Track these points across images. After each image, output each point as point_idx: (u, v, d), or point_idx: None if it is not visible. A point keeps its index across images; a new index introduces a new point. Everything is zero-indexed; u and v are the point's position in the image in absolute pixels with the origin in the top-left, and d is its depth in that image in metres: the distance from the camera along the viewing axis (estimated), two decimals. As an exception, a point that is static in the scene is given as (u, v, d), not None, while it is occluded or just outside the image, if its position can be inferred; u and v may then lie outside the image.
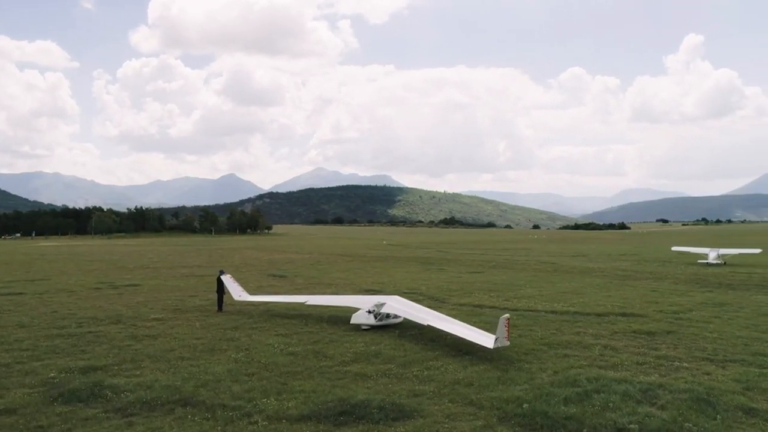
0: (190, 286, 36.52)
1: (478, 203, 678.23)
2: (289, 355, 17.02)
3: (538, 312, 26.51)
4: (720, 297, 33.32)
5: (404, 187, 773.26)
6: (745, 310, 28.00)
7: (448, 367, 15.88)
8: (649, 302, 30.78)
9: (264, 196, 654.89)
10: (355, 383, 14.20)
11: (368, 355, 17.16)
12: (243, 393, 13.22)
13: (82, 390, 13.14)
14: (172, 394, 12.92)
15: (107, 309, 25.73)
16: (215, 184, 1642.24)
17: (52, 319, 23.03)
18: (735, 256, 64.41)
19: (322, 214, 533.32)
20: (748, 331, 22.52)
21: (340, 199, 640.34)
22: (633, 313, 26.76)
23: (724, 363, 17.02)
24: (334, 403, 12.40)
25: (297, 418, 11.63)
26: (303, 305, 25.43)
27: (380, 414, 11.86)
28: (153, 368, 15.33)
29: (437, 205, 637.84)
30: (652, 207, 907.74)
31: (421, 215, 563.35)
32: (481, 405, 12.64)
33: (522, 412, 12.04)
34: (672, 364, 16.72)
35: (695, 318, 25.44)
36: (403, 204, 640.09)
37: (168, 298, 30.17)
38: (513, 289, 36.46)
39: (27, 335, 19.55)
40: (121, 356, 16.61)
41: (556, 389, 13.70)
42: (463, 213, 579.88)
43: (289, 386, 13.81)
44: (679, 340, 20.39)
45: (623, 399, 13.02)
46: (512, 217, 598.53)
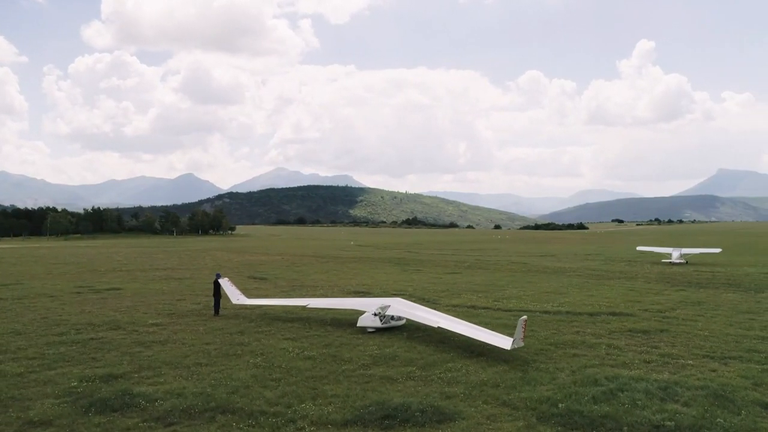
0: (173, 289, 35.79)
1: (439, 204, 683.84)
2: (307, 359, 16.98)
3: (532, 312, 27.06)
4: (694, 295, 34.67)
5: (366, 188, 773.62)
6: (723, 308, 29.22)
7: (467, 368, 16.14)
8: (632, 301, 31.80)
9: (223, 196, 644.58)
10: (383, 386, 14.30)
11: (385, 357, 17.28)
12: (277, 399, 13.16)
13: (112, 399, 12.84)
14: (207, 402, 12.76)
15: (99, 314, 25.03)
16: (172, 184, 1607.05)
17: (46, 325, 22.29)
18: (696, 255, 67.08)
19: (283, 214, 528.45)
20: (733, 328, 23.56)
21: (301, 199, 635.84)
22: (621, 312, 27.63)
23: (724, 360, 17.81)
24: (373, 407, 12.49)
25: (342, 423, 11.67)
26: (303, 308, 25.32)
27: (423, 417, 12.02)
28: (174, 375, 15.08)
29: (399, 205, 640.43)
30: (607, 207, 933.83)
31: (383, 215, 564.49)
32: (515, 405, 12.94)
33: (558, 412, 12.39)
34: (677, 362, 17.41)
35: (681, 316, 26.45)
36: (365, 204, 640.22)
37: (156, 302, 29.52)
38: (497, 290, 37.07)
39: (27, 343, 18.90)
40: (137, 363, 16.25)
41: (581, 388, 14.12)
42: (424, 213, 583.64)
43: (320, 391, 13.82)
44: (674, 338, 21.21)
45: (648, 397, 13.53)
46: (472, 217, 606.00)
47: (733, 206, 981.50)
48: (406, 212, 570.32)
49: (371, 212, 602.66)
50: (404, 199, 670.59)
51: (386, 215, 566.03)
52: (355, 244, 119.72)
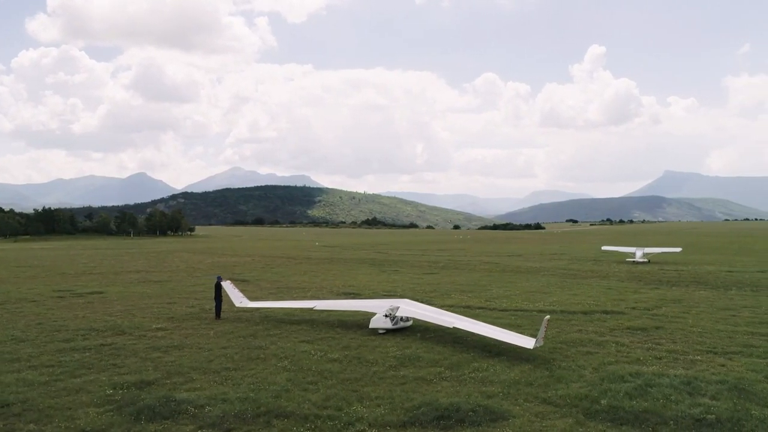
0: (157, 292, 34.96)
1: (398, 204, 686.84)
2: (333, 362, 17.00)
3: (530, 312, 27.71)
4: (670, 293, 36.10)
5: (324, 188, 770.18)
6: (703, 306, 30.55)
7: (494, 368, 16.48)
8: (616, 300, 32.88)
9: (177, 197, 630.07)
10: (421, 387, 14.49)
11: (408, 358, 17.47)
12: (323, 402, 13.18)
13: (158, 406, 12.61)
14: (256, 407, 12.68)
15: (96, 319, 24.32)
16: (123, 184, 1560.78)
17: (45, 331, 21.55)
18: (658, 254, 69.72)
19: (240, 214, 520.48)
20: (720, 324, 24.70)
21: (258, 199, 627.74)
22: (612, 310, 28.55)
23: (727, 355, 18.70)
24: (423, 408, 12.67)
25: (399, 424, 11.81)
26: (304, 310, 25.24)
27: (476, 416, 12.27)
28: (207, 380, 14.88)
29: (357, 205, 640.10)
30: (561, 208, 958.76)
31: (341, 216, 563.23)
32: (556, 403, 13.33)
33: (602, 409, 12.86)
34: (686, 358, 18.21)
35: (669, 314, 27.54)
36: (323, 204, 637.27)
37: (147, 306, 28.84)
38: (482, 290, 37.68)
39: (35, 350, 18.25)
40: (163, 369, 15.94)
41: (611, 385, 14.66)
42: (383, 213, 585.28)
43: (362, 393, 13.90)
44: (672, 335, 22.12)
45: (676, 392, 14.16)
46: (431, 217, 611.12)
47: (679, 207, 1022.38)
48: (364, 212, 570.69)
49: (330, 212, 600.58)
50: (363, 200, 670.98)
51: (345, 215, 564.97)
52: (320, 244, 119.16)
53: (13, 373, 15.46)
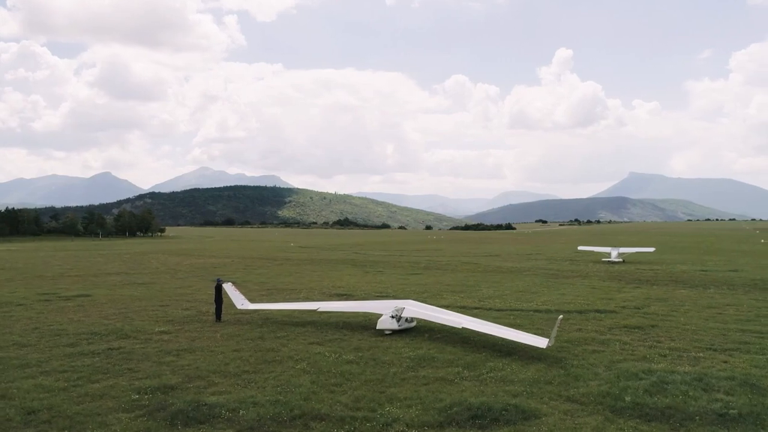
0: (145, 295, 34.35)
1: (369, 204, 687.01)
2: (349, 363, 17.04)
3: (526, 312, 28.14)
4: (652, 292, 37.04)
5: (294, 188, 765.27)
6: (687, 304, 31.40)
7: (509, 367, 16.74)
8: (603, 299, 33.59)
9: (144, 197, 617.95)
10: (445, 387, 14.66)
11: (424, 359, 17.62)
12: (354, 403, 13.24)
13: (190, 411, 12.49)
14: (289, 409, 12.66)
15: (93, 323, 23.82)
16: (88, 183, 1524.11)
17: (46, 336, 21.06)
18: (633, 254, 71.36)
19: (208, 215, 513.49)
20: (710, 322, 25.48)
21: (227, 199, 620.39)
22: (604, 309, 29.20)
23: (727, 352, 19.35)
24: (456, 408, 12.84)
25: (437, 424, 11.95)
26: (305, 312, 25.19)
27: (508, 415, 12.50)
28: (229, 384, 14.78)
29: (328, 206, 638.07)
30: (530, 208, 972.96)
31: (312, 216, 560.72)
32: (580, 401, 13.66)
33: (626, 405, 13.23)
34: (688, 355, 18.79)
35: (658, 312, 28.30)
36: (293, 205, 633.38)
37: (141, 308, 28.37)
38: (472, 290, 38.06)
39: (42, 355, 17.82)
40: (181, 373, 15.75)
41: (628, 382, 15.07)
42: (354, 214, 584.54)
43: (389, 394, 14.00)
44: (669, 333, 22.76)
45: (692, 388, 14.64)
46: (401, 218, 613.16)
47: (643, 207, 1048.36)
48: (335, 213, 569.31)
49: (300, 213, 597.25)
50: (333, 200, 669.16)
51: (316, 216, 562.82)
52: (295, 245, 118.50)
53: (28, 379, 15.08)
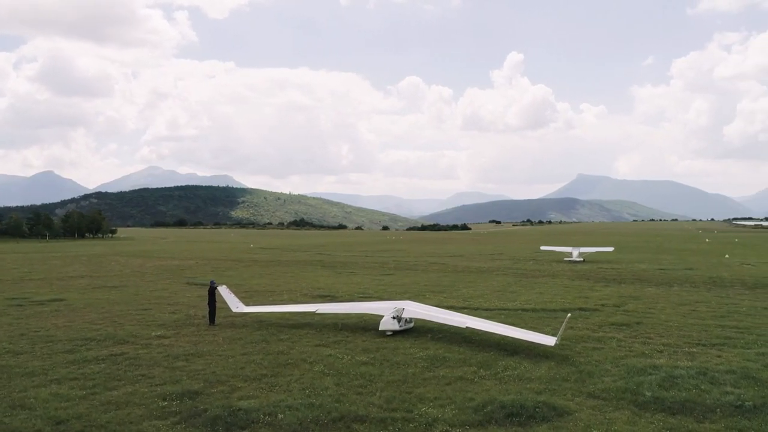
0: (123, 299, 33.27)
1: (323, 205, 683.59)
2: (364, 364, 17.08)
3: (513, 311, 28.73)
4: (624, 291, 38.37)
5: (247, 188, 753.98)
6: (661, 302, 32.70)
7: (522, 365, 17.12)
8: (580, 297, 34.58)
9: (90, 196, 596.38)
10: (470, 387, 14.90)
11: (436, 359, 17.84)
12: (387, 404, 13.34)
13: (227, 416, 12.29)
14: (326, 412, 12.64)
15: (82, 328, 23.00)
16: (28, 183, 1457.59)
17: (37, 342, 20.26)
18: (593, 254, 73.62)
19: (159, 215, 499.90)
20: (689, 319, 26.65)
21: (178, 199, 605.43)
22: (585, 308, 30.11)
23: (716, 347, 20.29)
24: (490, 406, 13.09)
25: (477, 423, 12.16)
26: (303, 314, 25.06)
27: (542, 412, 12.84)
28: (253, 388, 14.61)
29: (283, 206, 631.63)
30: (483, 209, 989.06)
31: (266, 217, 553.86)
32: (603, 397, 14.14)
33: (647, 400, 13.79)
34: (683, 350, 19.64)
35: (638, 310, 29.37)
36: (247, 205, 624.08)
37: (124, 312, 27.57)
38: (452, 290, 38.50)
39: (44, 363, 17.15)
40: (198, 378, 15.45)
41: (639, 378, 15.69)
42: (308, 214, 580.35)
43: (418, 394, 14.14)
44: (656, 330, 23.69)
45: (700, 382, 15.36)
46: (357, 218, 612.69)
47: (591, 208, 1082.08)
48: (290, 213, 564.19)
49: (254, 213, 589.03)
50: (288, 200, 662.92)
51: (270, 216, 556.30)
52: (255, 246, 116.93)
53: (40, 388, 14.50)
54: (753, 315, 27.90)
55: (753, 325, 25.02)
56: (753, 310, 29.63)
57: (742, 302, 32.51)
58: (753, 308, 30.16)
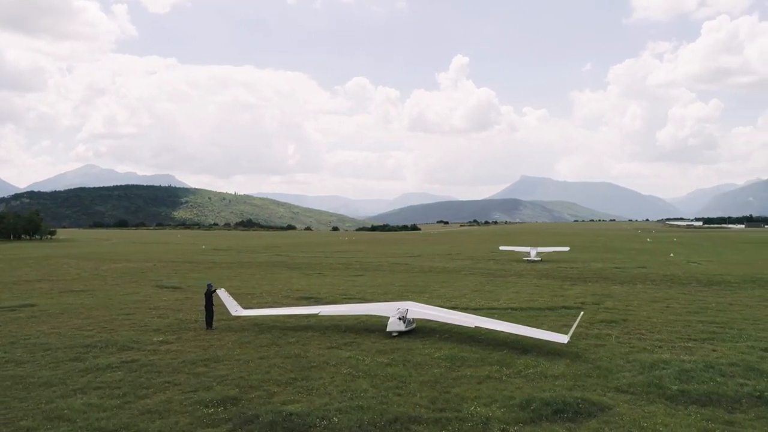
0: (98, 304, 31.88)
1: (270, 205, 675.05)
2: (389, 365, 17.13)
3: (502, 310, 29.27)
4: (594, 289, 39.71)
5: (190, 188, 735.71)
6: (634, 299, 33.98)
7: (541, 363, 17.53)
8: (557, 296, 35.57)
9: (21, 196, 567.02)
10: (504, 386, 15.18)
11: (455, 359, 18.07)
12: (431, 404, 13.48)
13: (283, 421, 12.11)
14: (379, 414, 12.66)
15: (74, 335, 21.98)
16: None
17: (34, 350, 19.29)
18: (550, 253, 75.83)
19: (97, 216, 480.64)
20: (669, 315, 27.89)
21: (117, 199, 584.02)
22: (568, 306, 31.03)
23: (707, 341, 21.36)
24: (536, 404, 13.40)
25: (529, 420, 12.44)
26: (302, 317, 24.81)
27: (585, 408, 13.27)
28: (290, 392, 14.44)
29: (228, 207, 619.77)
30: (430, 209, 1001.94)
31: (210, 217, 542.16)
32: (631, 392, 14.72)
33: (674, 393, 14.46)
34: (679, 345, 20.60)
35: (617, 308, 30.41)
36: (190, 206, 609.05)
37: (108, 318, 26.52)
38: (430, 291, 38.78)
39: (54, 372, 16.33)
40: (230, 384, 15.13)
41: (656, 372, 16.40)
42: (255, 215, 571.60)
43: (455, 394, 14.34)
44: (644, 326, 24.68)
45: (713, 374, 16.20)
46: (304, 218, 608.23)
47: (533, 209, 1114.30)
48: (235, 214, 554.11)
49: (198, 214, 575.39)
50: (233, 201, 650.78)
51: (214, 217, 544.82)
52: (207, 248, 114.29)
53: (68, 399, 13.82)
54: (723, 311, 29.47)
55: (728, 320, 26.46)
56: (721, 306, 31.30)
57: (707, 299, 34.25)
58: (720, 304, 31.86)
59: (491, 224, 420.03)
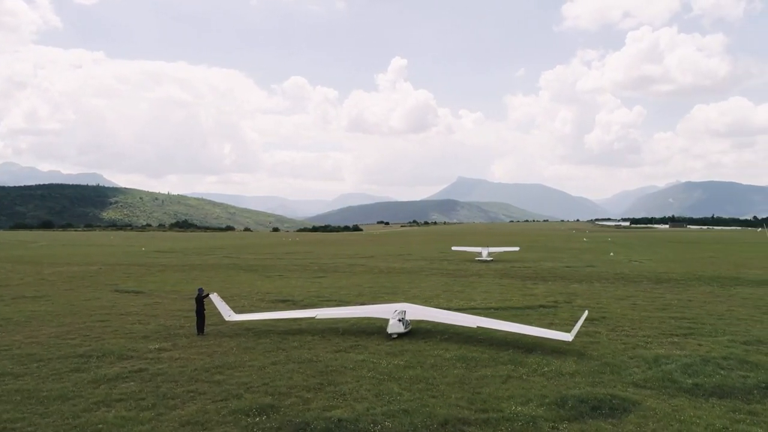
0: (61, 311, 30.13)
1: (206, 206, 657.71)
2: (408, 368, 17.16)
3: (485, 310, 29.77)
4: (556, 288, 41.03)
5: (120, 188, 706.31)
6: (599, 297, 35.38)
7: (552, 362, 17.99)
8: (526, 295, 36.56)
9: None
10: (527, 384, 15.54)
11: (468, 359, 18.31)
12: (470, 405, 13.64)
13: (335, 429, 11.97)
14: (428, 416, 12.71)
15: (62, 345, 20.75)
16: None
17: (27, 361, 18.15)
18: (500, 253, 77.78)
19: (17, 217, 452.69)
20: (639, 312, 29.23)
21: (40, 199, 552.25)
22: (543, 305, 31.95)
23: (690, 336, 22.57)
24: (571, 401, 13.79)
25: (572, 418, 12.78)
26: (292, 320, 24.40)
27: (617, 404, 13.77)
28: (324, 398, 14.23)
29: (161, 207, 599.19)
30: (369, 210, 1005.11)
31: (142, 218, 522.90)
32: (650, 386, 15.40)
33: (690, 387, 15.25)
34: (666, 341, 21.64)
35: (589, 305, 31.02)
36: (120, 206, 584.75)
37: (86, 326, 25.19)
38: (400, 292, 38.90)
39: (65, 384, 15.44)
40: (258, 391, 14.78)
41: (662, 367, 17.23)
42: (190, 216, 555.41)
43: (486, 394, 14.56)
44: (621, 323, 25.74)
45: (714, 368, 17.14)
46: (241, 219, 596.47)
47: (470, 209, 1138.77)
48: (169, 215, 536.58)
49: (128, 215, 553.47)
50: (167, 201, 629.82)
51: (146, 218, 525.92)
52: (148, 250, 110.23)
53: (94, 412, 13.05)
54: (686, 307, 31.09)
55: (695, 315, 28.00)
56: (681, 302, 33.04)
57: (665, 296, 36.06)
58: (680, 301, 33.63)
59: (431, 224, 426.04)
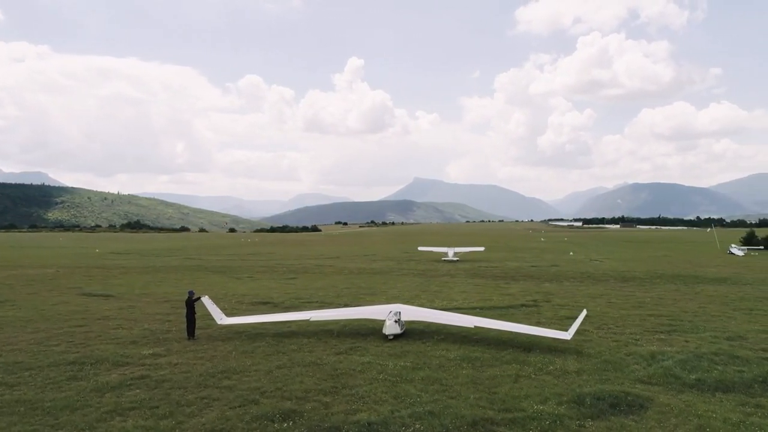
0: (32, 316, 28.78)
1: (158, 206, 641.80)
2: (417, 369, 17.11)
3: (471, 310, 29.98)
4: (529, 287, 41.80)
5: (66, 187, 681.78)
6: (574, 296, 36.11)
7: (554, 361, 18.27)
8: (505, 295, 37.03)
9: None
10: (538, 383, 15.72)
11: (471, 359, 18.39)
12: (490, 405, 13.72)
13: (361, 430, 11.72)
14: (455, 417, 12.69)
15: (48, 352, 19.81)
16: None
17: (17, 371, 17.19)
18: (466, 253, 78.70)
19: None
20: (617, 310, 30.01)
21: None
22: (525, 304, 32.40)
23: (674, 333, 23.25)
24: (588, 399, 14.00)
25: (594, 416, 12.98)
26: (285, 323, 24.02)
27: (633, 401, 14.08)
28: (342, 402, 14.04)
29: (110, 207, 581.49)
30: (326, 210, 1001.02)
31: (90, 219, 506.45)
32: (656, 383, 15.81)
33: (693, 383, 15.72)
34: (653, 338, 22.28)
35: (567, 304, 32.15)
36: (67, 206, 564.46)
37: (66, 331, 24.13)
38: (376, 292, 38.82)
39: (68, 394, 14.72)
40: (276, 396, 14.47)
41: (662, 363, 17.71)
42: (141, 216, 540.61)
43: (502, 394, 14.65)
44: (604, 321, 26.37)
45: (710, 363, 17.76)
46: (195, 220, 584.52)
47: (426, 210, 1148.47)
48: (119, 215, 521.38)
49: (76, 215, 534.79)
50: (117, 201, 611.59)
51: (95, 218, 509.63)
52: (103, 251, 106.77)
53: (110, 422, 12.47)
54: (659, 305, 32.08)
55: (671, 313, 28.94)
56: (653, 300, 34.09)
57: (635, 294, 37.15)
58: (652, 299, 34.67)
59: (389, 225, 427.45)
